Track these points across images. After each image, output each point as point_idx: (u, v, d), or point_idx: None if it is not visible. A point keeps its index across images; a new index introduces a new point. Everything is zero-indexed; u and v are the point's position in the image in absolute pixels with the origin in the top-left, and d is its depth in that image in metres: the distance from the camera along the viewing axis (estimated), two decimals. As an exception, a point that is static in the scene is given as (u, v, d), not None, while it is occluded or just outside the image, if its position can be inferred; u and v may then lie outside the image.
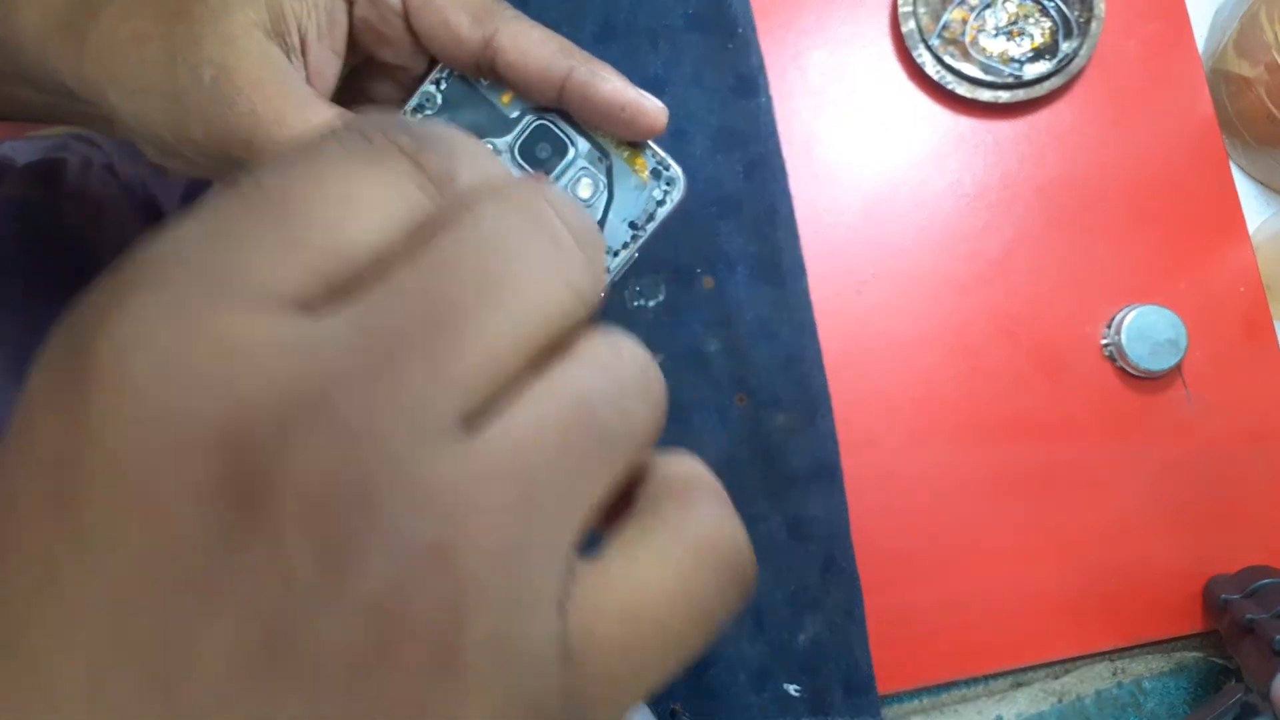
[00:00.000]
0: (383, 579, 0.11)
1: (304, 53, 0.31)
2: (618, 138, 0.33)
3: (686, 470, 0.15)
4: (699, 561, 0.14)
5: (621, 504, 0.14)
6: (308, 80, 0.31)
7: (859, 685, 0.40)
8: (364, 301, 0.12)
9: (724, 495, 0.15)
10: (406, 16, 0.31)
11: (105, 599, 0.12)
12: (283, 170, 0.13)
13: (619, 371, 0.14)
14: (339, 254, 0.13)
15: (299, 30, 0.30)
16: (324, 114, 0.30)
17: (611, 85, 0.30)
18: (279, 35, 0.30)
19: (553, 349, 0.13)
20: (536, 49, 0.30)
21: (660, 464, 0.15)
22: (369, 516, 0.11)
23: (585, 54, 0.31)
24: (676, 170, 0.33)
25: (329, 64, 0.32)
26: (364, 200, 0.13)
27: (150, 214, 0.60)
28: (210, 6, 0.29)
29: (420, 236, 0.13)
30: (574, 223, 0.14)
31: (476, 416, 0.12)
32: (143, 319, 0.12)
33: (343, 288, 0.13)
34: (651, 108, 0.31)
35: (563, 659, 0.12)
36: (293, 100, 0.29)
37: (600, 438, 0.13)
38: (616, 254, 0.33)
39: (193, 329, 0.12)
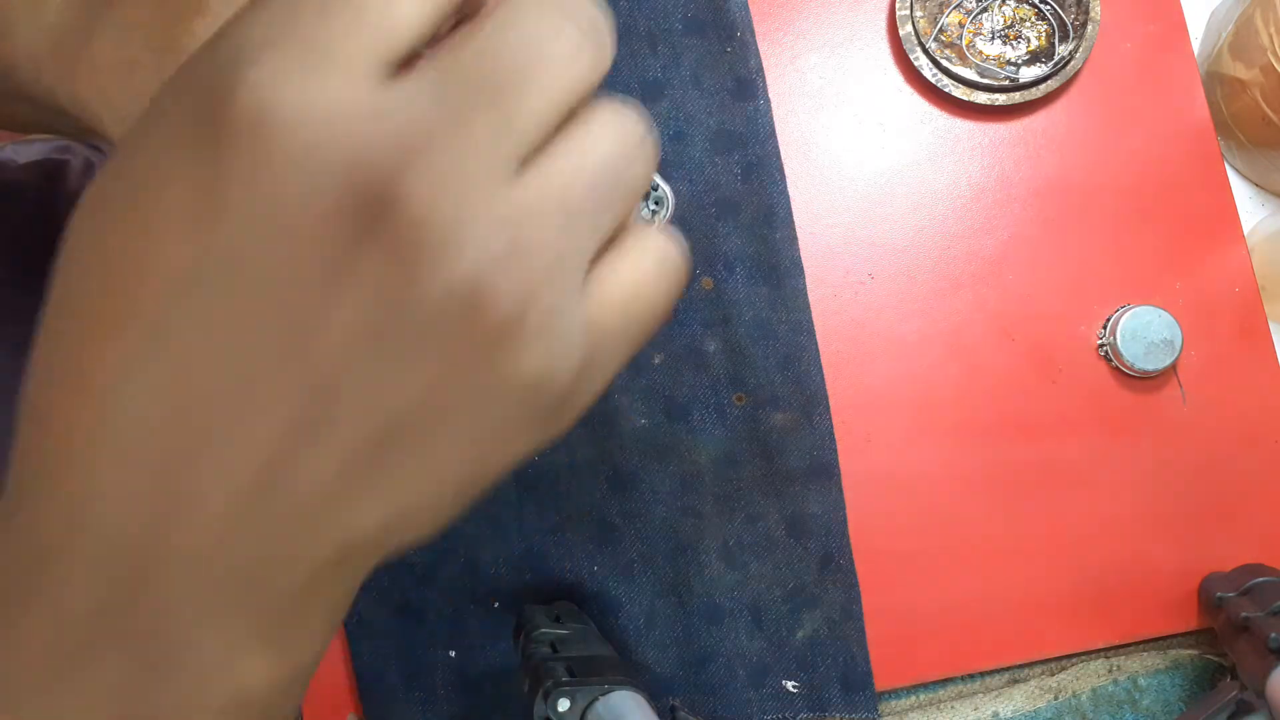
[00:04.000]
0: (476, 267, 0.15)
1: None
2: None
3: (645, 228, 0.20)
4: (659, 263, 0.19)
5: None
6: None
7: (857, 681, 0.40)
8: (436, 72, 0.16)
9: (671, 234, 0.20)
10: None
11: (245, 295, 0.15)
12: None
13: (627, 134, 0.18)
14: (411, 33, 0.16)
15: None
16: None
17: None
18: None
19: (577, 110, 0.17)
20: None
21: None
22: (461, 228, 0.15)
23: None
24: (665, 190, 0.33)
25: None
26: None
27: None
28: (197, 36, 0.30)
29: (481, 22, 0.16)
30: (591, 10, 0.18)
31: (527, 162, 0.16)
32: (268, 81, 0.15)
33: (408, 61, 0.16)
34: None
35: (584, 330, 0.17)
36: None
37: (614, 184, 0.17)
38: None
39: (312, 89, 0.15)
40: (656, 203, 0.34)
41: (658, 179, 0.34)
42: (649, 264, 0.19)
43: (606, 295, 0.18)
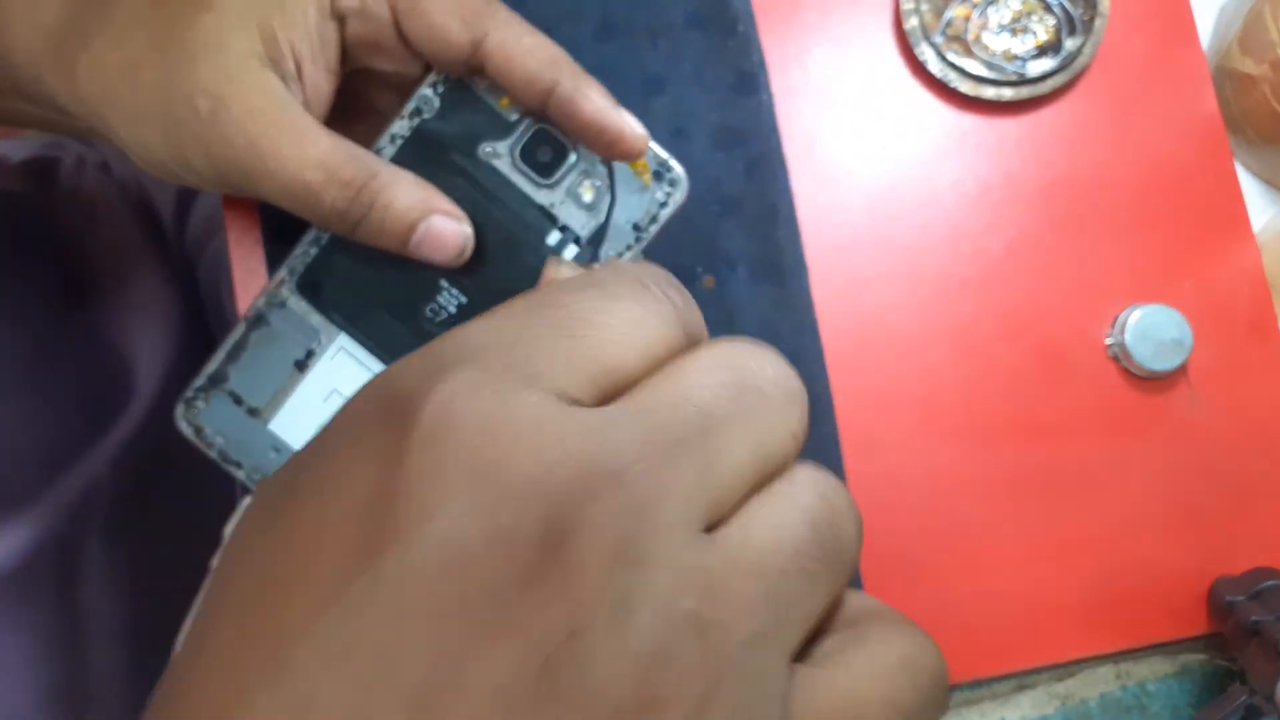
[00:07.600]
0: (653, 636, 0.13)
1: (300, 76, 0.31)
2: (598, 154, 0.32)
3: (874, 602, 0.18)
4: (907, 674, 0.15)
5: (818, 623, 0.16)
6: (304, 101, 0.31)
7: (862, 689, 0.40)
8: (641, 406, 0.15)
9: (914, 623, 0.17)
10: (397, 24, 0.31)
11: (386, 633, 0.13)
12: (577, 291, 0.16)
13: (835, 500, 0.16)
14: (614, 369, 0.15)
15: (293, 55, 0.30)
16: (321, 144, 0.30)
17: (594, 106, 0.30)
18: (274, 62, 0.30)
19: (773, 474, 0.16)
20: (523, 58, 0.30)
21: (849, 593, 0.17)
22: (646, 579, 0.13)
23: (574, 68, 0.30)
24: (679, 171, 0.32)
25: (325, 82, 0.32)
26: (643, 331, 0.16)
27: (144, 213, 0.60)
28: (202, 33, 0.29)
29: (682, 366, 0.16)
30: (794, 381, 0.17)
31: (722, 521, 0.14)
32: (463, 389, 0.14)
33: (612, 394, 0.15)
34: (630, 133, 0.31)
35: None
36: (290, 132, 0.29)
37: (823, 555, 0.15)
38: (621, 256, 0.33)
39: (507, 402, 0.14)
40: (671, 184, 0.33)
41: (670, 159, 0.33)
42: (890, 665, 0.15)
43: (826, 702, 0.14)
